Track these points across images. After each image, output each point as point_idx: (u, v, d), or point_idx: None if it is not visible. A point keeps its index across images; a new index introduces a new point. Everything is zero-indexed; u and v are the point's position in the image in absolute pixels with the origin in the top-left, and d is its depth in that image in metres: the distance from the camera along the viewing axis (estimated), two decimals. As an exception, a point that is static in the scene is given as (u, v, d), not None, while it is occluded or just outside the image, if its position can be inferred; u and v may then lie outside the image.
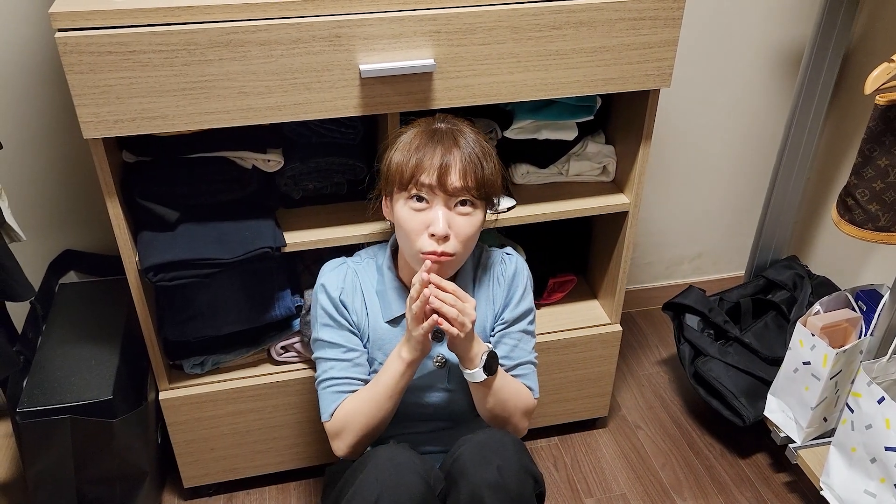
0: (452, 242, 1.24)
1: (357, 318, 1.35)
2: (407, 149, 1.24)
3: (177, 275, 1.38)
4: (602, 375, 1.82)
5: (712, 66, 1.98)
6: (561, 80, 1.38)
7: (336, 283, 1.34)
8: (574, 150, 1.65)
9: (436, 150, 1.22)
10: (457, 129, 1.26)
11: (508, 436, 1.28)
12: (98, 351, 1.57)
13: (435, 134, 1.24)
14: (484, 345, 1.29)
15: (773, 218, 2.02)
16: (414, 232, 1.24)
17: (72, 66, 1.17)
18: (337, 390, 1.33)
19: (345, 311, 1.34)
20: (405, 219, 1.24)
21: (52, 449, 1.46)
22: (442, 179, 1.21)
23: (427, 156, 1.21)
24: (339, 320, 1.34)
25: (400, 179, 1.23)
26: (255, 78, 1.24)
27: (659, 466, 1.84)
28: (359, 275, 1.36)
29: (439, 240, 1.23)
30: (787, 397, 1.71)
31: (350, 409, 1.31)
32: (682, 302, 1.94)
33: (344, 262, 1.38)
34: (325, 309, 1.34)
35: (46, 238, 1.78)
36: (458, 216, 1.24)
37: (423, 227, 1.23)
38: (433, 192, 1.22)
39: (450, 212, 1.23)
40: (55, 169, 1.72)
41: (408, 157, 1.22)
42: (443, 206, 1.23)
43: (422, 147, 1.22)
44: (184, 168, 1.42)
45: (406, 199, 1.24)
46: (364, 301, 1.35)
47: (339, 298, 1.33)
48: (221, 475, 1.69)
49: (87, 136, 1.23)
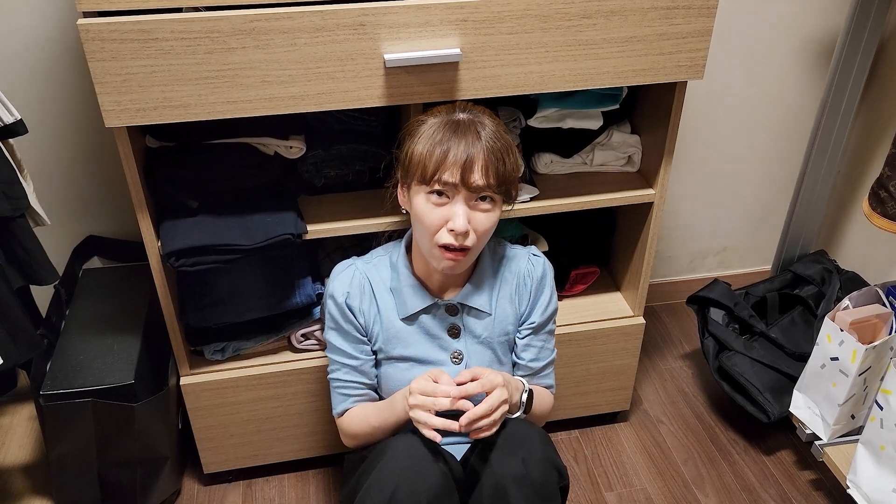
0: (470, 236, 1.23)
1: (365, 319, 1.34)
2: (429, 141, 1.22)
3: (198, 260, 1.38)
4: (624, 369, 1.80)
5: (741, 54, 1.94)
6: (590, 70, 1.35)
7: (342, 287, 1.34)
8: (599, 139, 1.62)
9: (459, 144, 1.20)
10: (478, 120, 1.24)
11: (534, 427, 1.27)
12: (120, 336, 1.58)
13: (458, 126, 1.22)
14: (515, 389, 1.29)
15: (802, 211, 1.98)
16: (433, 226, 1.23)
17: (94, 54, 1.17)
18: (343, 392, 1.38)
19: (351, 315, 1.34)
20: (424, 212, 1.23)
21: (74, 432, 1.47)
22: (465, 176, 1.19)
23: (451, 151, 1.19)
24: (344, 327, 1.34)
25: (422, 173, 1.22)
26: (278, 66, 1.23)
27: (681, 462, 1.82)
28: (368, 275, 1.35)
29: (458, 235, 1.21)
30: (813, 393, 1.68)
31: (358, 418, 1.36)
32: (707, 295, 1.91)
33: (352, 263, 1.37)
34: (331, 313, 1.35)
35: (70, 223, 1.79)
36: (477, 211, 1.23)
37: (443, 222, 1.22)
38: (455, 188, 1.21)
39: (469, 207, 1.22)
40: (80, 154, 1.73)
41: (430, 150, 1.21)
42: (463, 202, 1.22)
43: (444, 140, 1.20)
44: (206, 154, 1.42)
45: (426, 192, 1.22)
46: (375, 301, 1.35)
47: (346, 302, 1.33)
48: (241, 461, 1.70)
49: (108, 125, 1.22)
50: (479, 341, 1.37)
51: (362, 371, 1.37)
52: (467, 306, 1.35)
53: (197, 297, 1.54)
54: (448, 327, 1.35)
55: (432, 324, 1.35)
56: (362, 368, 1.37)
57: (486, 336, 1.37)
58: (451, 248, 1.23)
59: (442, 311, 1.35)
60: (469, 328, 1.36)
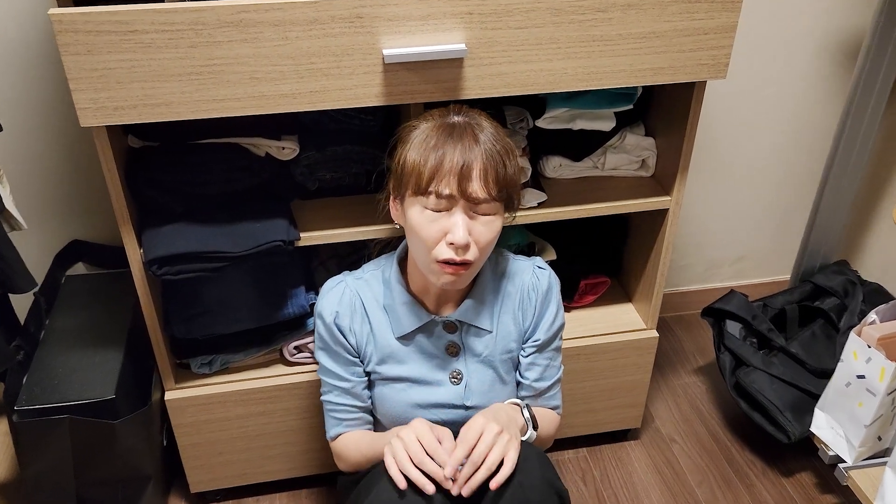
0: (472, 249, 1.14)
1: (357, 339, 1.27)
2: (422, 147, 1.12)
3: (182, 268, 1.32)
4: (635, 384, 1.72)
5: (762, 54, 1.86)
6: (605, 68, 1.27)
7: (331, 306, 1.27)
8: (611, 141, 1.55)
9: (455, 149, 1.11)
10: (475, 122, 1.15)
11: (532, 448, 1.20)
12: (102, 347, 1.52)
13: (452, 130, 1.12)
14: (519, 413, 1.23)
15: (824, 219, 1.89)
16: (431, 240, 1.14)
17: (67, 47, 1.08)
18: (335, 416, 1.32)
19: (340, 336, 1.27)
20: (420, 226, 1.14)
21: (50, 450, 1.41)
22: (463, 185, 1.10)
23: (446, 157, 1.10)
24: (334, 348, 1.28)
25: (416, 183, 1.12)
26: (268, 62, 1.15)
27: (695, 484, 1.74)
28: (360, 292, 1.28)
29: (459, 248, 1.13)
30: (837, 413, 1.59)
31: (351, 445, 1.31)
32: (724, 308, 1.82)
33: (342, 280, 1.30)
34: (320, 333, 1.29)
35: (52, 227, 1.72)
36: (478, 223, 1.14)
37: (441, 235, 1.14)
38: (452, 198, 1.12)
39: (469, 217, 1.13)
40: (62, 154, 1.65)
41: (424, 158, 1.11)
42: (462, 212, 1.13)
43: (439, 146, 1.11)
44: (193, 154, 1.36)
45: (421, 204, 1.13)
46: (367, 319, 1.27)
47: (335, 322, 1.26)
48: (230, 480, 1.63)
49: (84, 124, 1.14)
50: (479, 360, 1.29)
51: (354, 394, 1.30)
52: (466, 324, 1.27)
53: (183, 307, 1.48)
54: (446, 345, 1.27)
55: (429, 342, 1.27)
56: (354, 391, 1.30)
57: (486, 354, 1.29)
58: (451, 263, 1.14)
59: (440, 329, 1.27)
60: (469, 346, 1.28)
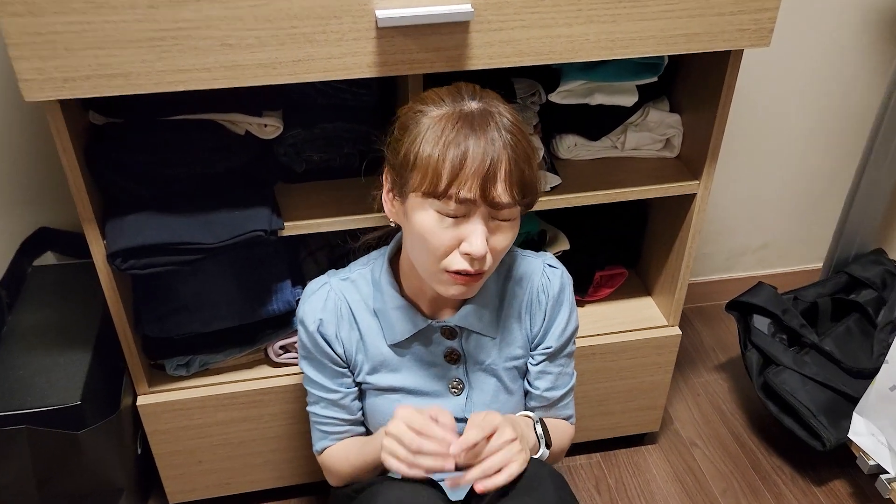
0: (487, 258, 1.00)
1: (345, 348, 1.15)
2: (439, 141, 0.96)
3: (150, 261, 1.21)
4: (655, 385, 1.59)
5: (797, 23, 1.72)
6: (631, 34, 1.12)
7: (313, 313, 1.14)
8: (632, 118, 1.43)
9: (479, 146, 0.95)
10: (494, 109, 0.98)
11: (546, 468, 1.08)
12: (69, 346, 1.40)
13: (472, 121, 0.96)
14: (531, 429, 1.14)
15: (861, 205, 1.76)
16: (442, 249, 0.99)
17: (5, 6, 0.94)
18: (321, 429, 1.22)
19: (325, 345, 1.14)
20: (431, 232, 0.99)
21: (8, 463, 1.30)
22: (486, 189, 0.95)
23: (469, 155, 0.95)
24: (318, 357, 1.16)
25: (432, 184, 0.96)
26: (243, 26, 1.01)
27: (719, 492, 1.62)
28: (345, 295, 1.15)
29: (475, 260, 0.99)
30: (879, 419, 1.47)
31: (339, 455, 1.21)
32: (751, 301, 1.69)
33: (325, 282, 1.16)
34: (302, 341, 1.17)
35: (18, 213, 1.59)
36: (496, 230, 1.00)
37: (455, 244, 0.99)
38: (473, 203, 0.97)
39: (487, 224, 0.99)
40: (25, 133, 1.52)
41: (442, 155, 0.95)
42: (481, 219, 0.98)
43: (460, 141, 0.95)
44: (162, 133, 1.24)
45: (435, 209, 0.98)
46: (356, 325, 1.15)
47: (319, 331, 1.13)
48: (211, 490, 1.53)
49: (28, 98, 1.00)
50: (481, 368, 1.17)
51: (343, 405, 1.19)
52: (467, 329, 1.14)
53: (155, 304, 1.36)
54: (445, 352, 1.15)
55: (426, 349, 1.15)
56: (342, 402, 1.18)
57: (489, 362, 1.17)
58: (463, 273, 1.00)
59: (438, 335, 1.14)
60: (470, 353, 1.16)
